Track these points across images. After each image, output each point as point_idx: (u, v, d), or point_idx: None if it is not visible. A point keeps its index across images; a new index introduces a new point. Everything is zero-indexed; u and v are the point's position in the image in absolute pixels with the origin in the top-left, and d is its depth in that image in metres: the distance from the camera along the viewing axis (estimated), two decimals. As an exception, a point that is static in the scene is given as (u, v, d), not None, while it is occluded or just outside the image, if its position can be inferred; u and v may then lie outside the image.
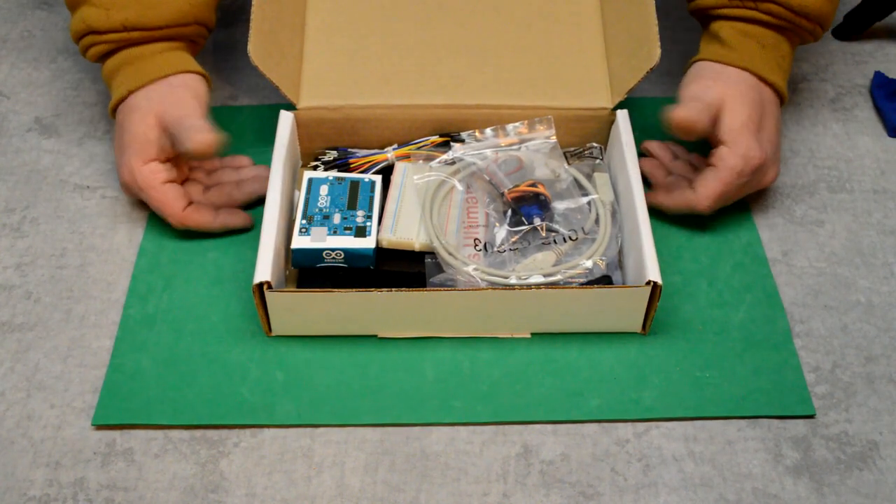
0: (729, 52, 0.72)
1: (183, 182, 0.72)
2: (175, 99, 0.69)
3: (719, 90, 0.70)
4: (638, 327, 0.67)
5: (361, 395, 0.64)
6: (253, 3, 0.71)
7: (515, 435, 0.63)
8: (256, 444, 0.62)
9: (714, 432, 0.63)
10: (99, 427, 0.63)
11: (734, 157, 0.68)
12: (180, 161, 0.72)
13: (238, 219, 0.73)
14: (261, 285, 0.62)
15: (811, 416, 0.64)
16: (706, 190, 0.69)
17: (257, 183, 0.74)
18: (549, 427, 0.63)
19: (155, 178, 0.69)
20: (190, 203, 0.70)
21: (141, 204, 0.75)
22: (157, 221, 0.74)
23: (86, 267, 0.71)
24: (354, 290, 0.63)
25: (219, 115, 0.81)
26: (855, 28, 0.90)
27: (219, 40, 0.90)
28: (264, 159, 0.78)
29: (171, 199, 0.69)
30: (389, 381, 0.65)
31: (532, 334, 0.67)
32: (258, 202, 0.74)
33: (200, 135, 0.67)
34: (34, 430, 0.62)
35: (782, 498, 0.60)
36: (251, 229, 0.73)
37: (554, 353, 0.66)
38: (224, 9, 0.93)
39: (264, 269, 0.62)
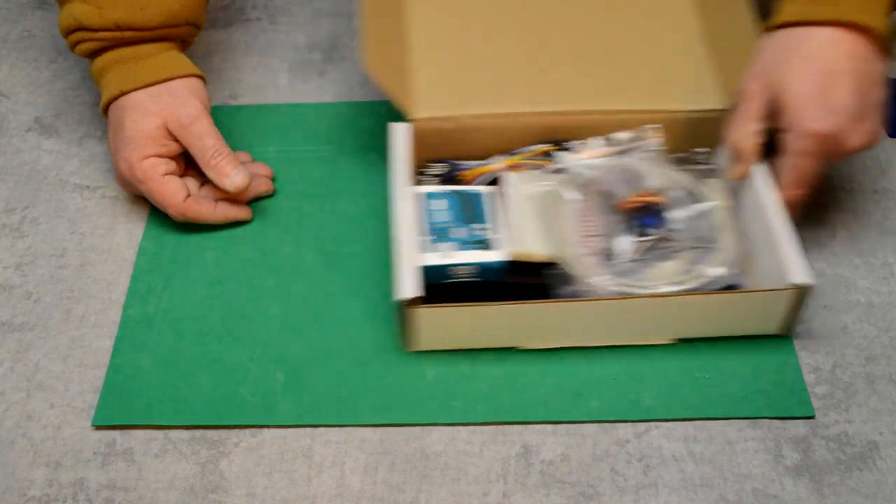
0: (809, 8, 0.64)
1: (181, 176, 0.73)
2: (186, 110, 0.70)
3: (768, 80, 0.65)
4: (777, 329, 0.67)
5: (361, 395, 0.64)
6: (363, 15, 0.72)
7: (515, 435, 0.63)
8: (256, 444, 0.62)
9: (714, 433, 0.63)
10: (99, 427, 0.63)
11: (797, 139, 0.64)
12: (179, 157, 0.72)
13: (238, 210, 0.73)
14: (408, 301, 0.62)
15: (811, 417, 0.64)
16: (788, 183, 0.66)
17: (256, 180, 0.74)
18: (549, 427, 0.63)
19: (154, 171, 0.70)
20: (189, 195, 0.71)
21: (141, 203, 0.75)
22: (156, 221, 0.74)
23: (86, 267, 0.71)
24: (502, 303, 0.63)
25: (219, 114, 0.81)
26: (855, 28, 0.89)
27: (219, 40, 0.90)
28: (266, 159, 0.78)
29: (171, 191, 0.70)
30: (390, 381, 0.65)
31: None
32: (255, 199, 0.74)
33: (237, 178, 0.70)
34: (34, 430, 0.62)
35: (782, 498, 0.60)
36: (250, 221, 0.74)
37: (553, 353, 0.66)
38: (224, 9, 0.93)
39: (409, 285, 0.62)
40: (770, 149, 0.68)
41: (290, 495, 0.60)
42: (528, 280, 0.67)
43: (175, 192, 0.70)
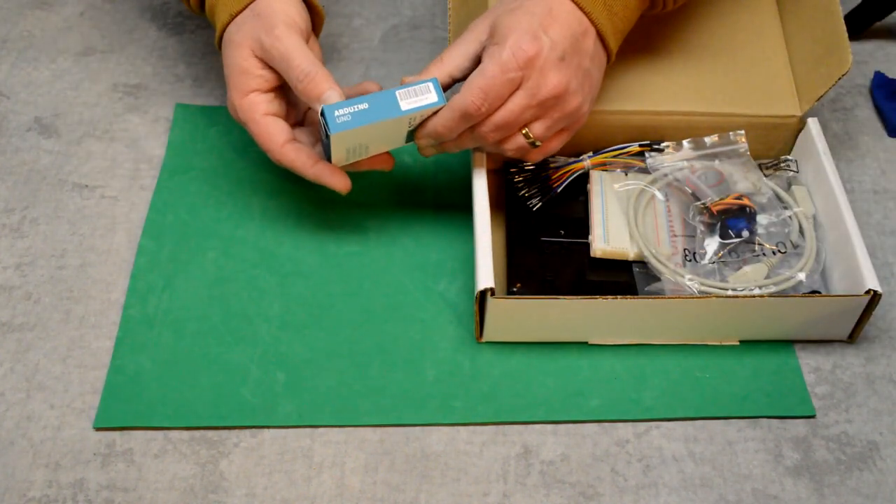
0: None
1: (298, 124, 0.69)
2: (266, 31, 0.64)
3: (493, 17, 0.63)
4: (845, 335, 0.67)
5: (362, 395, 0.64)
6: (449, 7, 0.72)
7: (515, 435, 0.63)
8: (256, 445, 0.62)
9: (714, 433, 0.63)
10: (99, 428, 0.63)
11: (498, 50, 0.61)
12: (283, 90, 0.68)
13: (335, 179, 0.67)
14: (484, 291, 0.62)
15: (811, 417, 0.64)
16: (469, 85, 0.62)
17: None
18: (549, 427, 0.63)
19: (254, 111, 0.65)
20: (290, 140, 0.66)
21: (140, 203, 0.75)
22: (156, 221, 0.74)
23: (85, 267, 0.71)
24: (574, 297, 0.63)
25: (220, 114, 0.81)
26: (855, 28, 0.90)
27: (218, 40, 0.90)
28: (266, 159, 0.78)
29: (269, 133, 0.65)
30: (390, 381, 0.65)
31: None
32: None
33: (331, 99, 0.63)
34: (34, 431, 0.62)
35: (782, 499, 0.60)
36: (346, 193, 0.68)
37: (554, 353, 0.66)
38: (224, 8, 0.92)
39: (486, 275, 0.62)
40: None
41: (290, 495, 0.60)
42: (613, 277, 0.67)
43: (272, 135, 0.65)
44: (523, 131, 0.64)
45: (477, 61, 0.64)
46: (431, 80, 0.63)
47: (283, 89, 0.68)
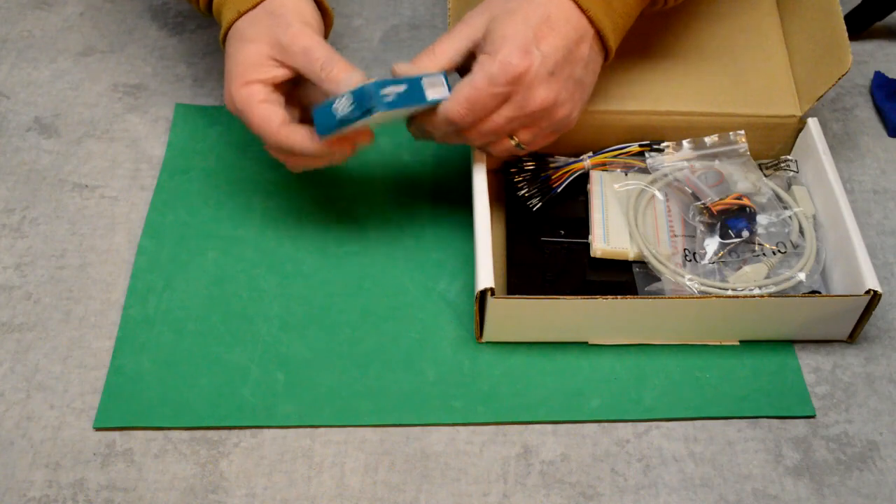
0: None
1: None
2: (284, 28, 0.64)
3: (490, 16, 0.63)
4: (845, 335, 0.67)
5: (362, 395, 0.64)
6: (449, 7, 0.72)
7: (515, 435, 0.63)
8: (256, 445, 0.62)
9: (714, 433, 0.63)
10: (99, 428, 0.63)
11: (489, 61, 0.61)
12: (286, 88, 0.67)
13: (340, 147, 0.66)
14: (484, 291, 0.62)
15: (811, 417, 0.64)
16: (456, 94, 0.62)
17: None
18: (549, 427, 0.63)
19: (253, 98, 0.64)
20: (287, 122, 0.65)
21: (140, 203, 0.75)
22: (156, 221, 0.74)
23: (85, 267, 0.71)
24: (574, 297, 0.63)
25: (219, 114, 0.81)
26: (855, 28, 0.90)
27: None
28: (266, 159, 0.78)
29: (266, 116, 0.64)
30: (390, 381, 0.65)
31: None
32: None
33: (353, 79, 0.62)
34: (34, 431, 0.62)
35: (782, 499, 0.60)
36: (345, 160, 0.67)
37: (554, 353, 0.66)
38: (224, 8, 0.92)
39: (486, 275, 0.62)
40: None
41: (290, 496, 0.60)
42: (613, 277, 0.67)
43: (270, 119, 0.64)
44: (510, 134, 0.65)
45: (468, 57, 0.64)
46: (443, 74, 0.63)
47: (282, 88, 0.68)
